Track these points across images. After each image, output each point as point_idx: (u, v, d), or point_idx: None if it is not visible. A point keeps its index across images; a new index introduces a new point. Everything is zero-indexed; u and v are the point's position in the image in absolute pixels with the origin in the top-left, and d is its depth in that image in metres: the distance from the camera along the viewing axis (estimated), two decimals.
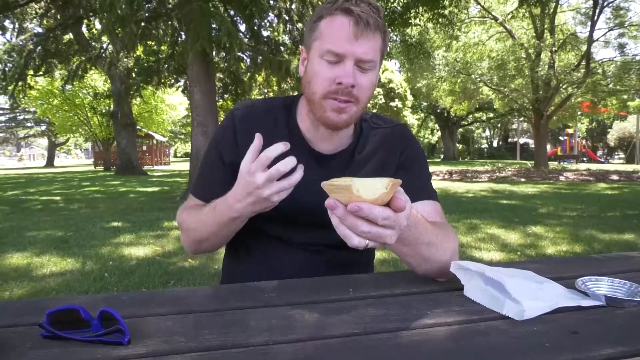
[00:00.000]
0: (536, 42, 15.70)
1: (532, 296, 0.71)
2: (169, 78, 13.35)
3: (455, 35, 15.33)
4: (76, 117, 23.53)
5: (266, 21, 9.66)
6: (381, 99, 26.88)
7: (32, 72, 12.72)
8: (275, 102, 1.10)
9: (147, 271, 3.58)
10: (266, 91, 15.87)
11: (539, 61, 15.80)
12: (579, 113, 21.42)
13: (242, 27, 9.78)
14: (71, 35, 13.13)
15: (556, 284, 0.79)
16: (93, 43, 13.94)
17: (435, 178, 13.92)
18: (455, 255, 0.90)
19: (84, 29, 13.96)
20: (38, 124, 36.08)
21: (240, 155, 1.03)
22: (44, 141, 44.95)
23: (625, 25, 16.95)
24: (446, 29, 11.29)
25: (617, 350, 0.59)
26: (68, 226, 5.66)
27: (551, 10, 15.78)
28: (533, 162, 18.20)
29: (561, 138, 36.18)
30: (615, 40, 17.87)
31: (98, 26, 12.29)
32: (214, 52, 8.31)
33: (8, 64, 12.42)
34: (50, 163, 36.87)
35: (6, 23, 12.72)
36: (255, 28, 9.23)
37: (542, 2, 11.93)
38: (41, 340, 0.63)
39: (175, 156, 51.22)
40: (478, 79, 18.64)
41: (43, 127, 35.62)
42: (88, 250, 4.35)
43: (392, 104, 27.17)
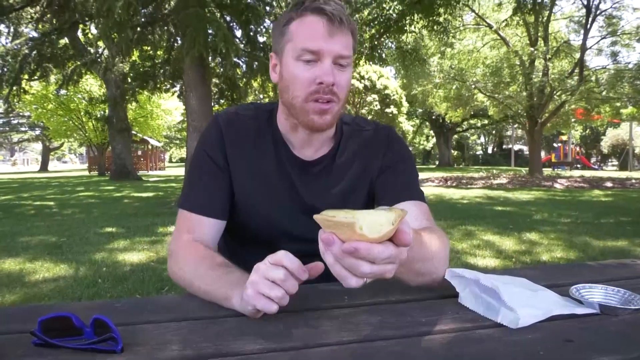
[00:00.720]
0: (530, 50, 15.82)
1: (527, 304, 0.71)
2: (165, 83, 13.32)
3: (450, 42, 15.43)
4: (71, 122, 23.46)
5: (262, 27, 9.68)
6: (377, 105, 26.96)
7: (27, 77, 12.68)
8: (257, 110, 1.08)
9: (141, 277, 3.56)
10: (262, 97, 15.90)
11: (533, 68, 15.91)
12: (573, 120, 21.55)
13: (238, 33, 9.80)
14: (67, 39, 13.11)
15: (550, 292, 0.79)
16: (89, 48, 13.92)
17: (430, 184, 13.95)
18: (446, 260, 0.88)
19: (80, 34, 13.94)
20: (32, 129, 35.89)
21: (227, 158, 1.03)
22: (38, 146, 44.75)
23: (617, 33, 17.11)
24: (441, 36, 11.36)
25: (612, 358, 0.59)
26: (61, 232, 5.62)
27: (545, 18, 15.92)
28: (527, 169, 18.28)
29: (555, 145, 36.44)
30: (608, 48, 18.01)
31: (94, 31, 12.29)
32: (210, 58, 8.32)
33: (3, 68, 12.38)
34: (44, 168, 36.66)
35: (1, 27, 12.71)
36: (251, 34, 9.26)
37: (536, 10, 12.05)
38: (33, 348, 0.62)
39: (170, 161, 51.11)
40: (473, 86, 18.75)
41: (37, 132, 35.45)
42: (81, 256, 4.31)
43: (388, 110, 27.26)
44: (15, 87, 11.81)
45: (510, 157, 35.84)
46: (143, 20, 8.93)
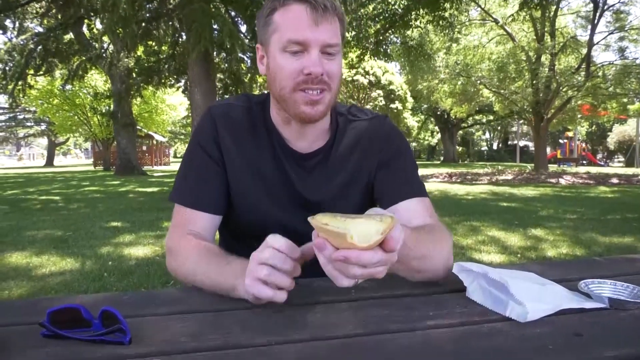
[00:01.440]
0: (536, 45, 15.72)
1: (535, 298, 0.71)
2: (170, 78, 13.36)
3: (455, 37, 15.35)
4: (76, 117, 23.56)
5: None
6: (381, 101, 26.92)
7: (33, 72, 12.75)
8: (250, 102, 1.06)
9: (147, 271, 3.57)
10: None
11: (540, 64, 15.80)
12: (579, 116, 21.41)
13: (243, 28, 9.79)
14: (72, 35, 13.16)
15: (559, 286, 0.79)
16: (94, 43, 13.96)
17: (435, 180, 13.91)
18: (449, 256, 0.87)
19: (85, 29, 13.99)
20: (38, 124, 36.11)
21: (221, 151, 1.01)
22: (44, 141, 44.97)
23: (625, 29, 16.97)
24: (447, 32, 11.29)
25: (621, 352, 0.59)
26: (67, 226, 5.65)
27: (552, 13, 15.80)
28: (533, 165, 18.20)
29: (561, 141, 36.23)
30: (615, 43, 17.88)
31: (99, 26, 12.30)
32: (215, 53, 8.32)
33: (9, 64, 12.44)
34: (49, 162, 36.87)
35: (7, 22, 12.75)
36: (256, 29, 9.24)
37: (543, 5, 11.95)
38: (42, 339, 0.62)
39: (175, 157, 51.18)
40: (478, 82, 18.65)
41: (43, 127, 35.64)
42: (87, 250, 4.34)
43: (393, 106, 27.22)
44: (20, 82, 11.87)
45: (515, 153, 35.64)
46: (148, 15, 8.94)
